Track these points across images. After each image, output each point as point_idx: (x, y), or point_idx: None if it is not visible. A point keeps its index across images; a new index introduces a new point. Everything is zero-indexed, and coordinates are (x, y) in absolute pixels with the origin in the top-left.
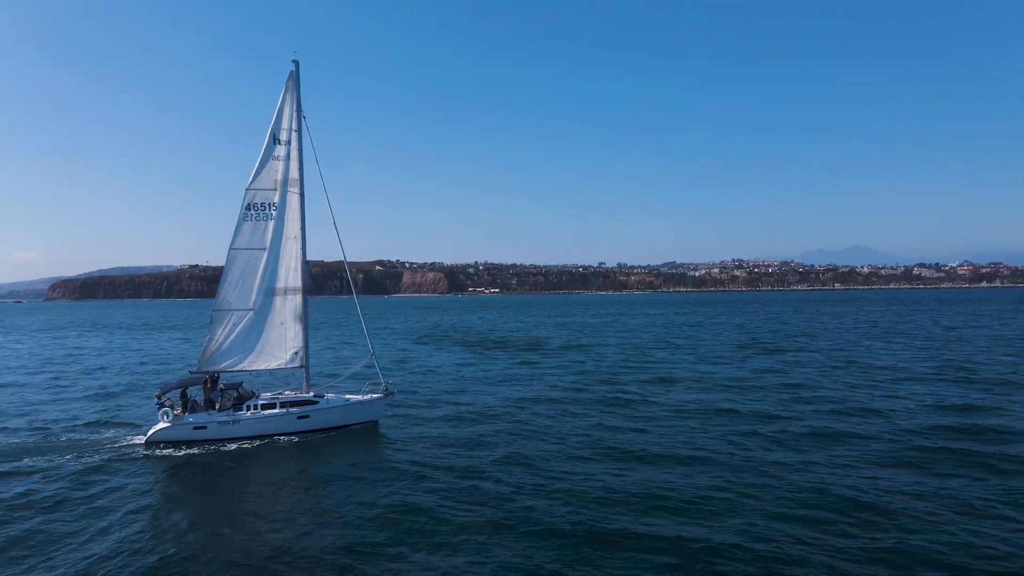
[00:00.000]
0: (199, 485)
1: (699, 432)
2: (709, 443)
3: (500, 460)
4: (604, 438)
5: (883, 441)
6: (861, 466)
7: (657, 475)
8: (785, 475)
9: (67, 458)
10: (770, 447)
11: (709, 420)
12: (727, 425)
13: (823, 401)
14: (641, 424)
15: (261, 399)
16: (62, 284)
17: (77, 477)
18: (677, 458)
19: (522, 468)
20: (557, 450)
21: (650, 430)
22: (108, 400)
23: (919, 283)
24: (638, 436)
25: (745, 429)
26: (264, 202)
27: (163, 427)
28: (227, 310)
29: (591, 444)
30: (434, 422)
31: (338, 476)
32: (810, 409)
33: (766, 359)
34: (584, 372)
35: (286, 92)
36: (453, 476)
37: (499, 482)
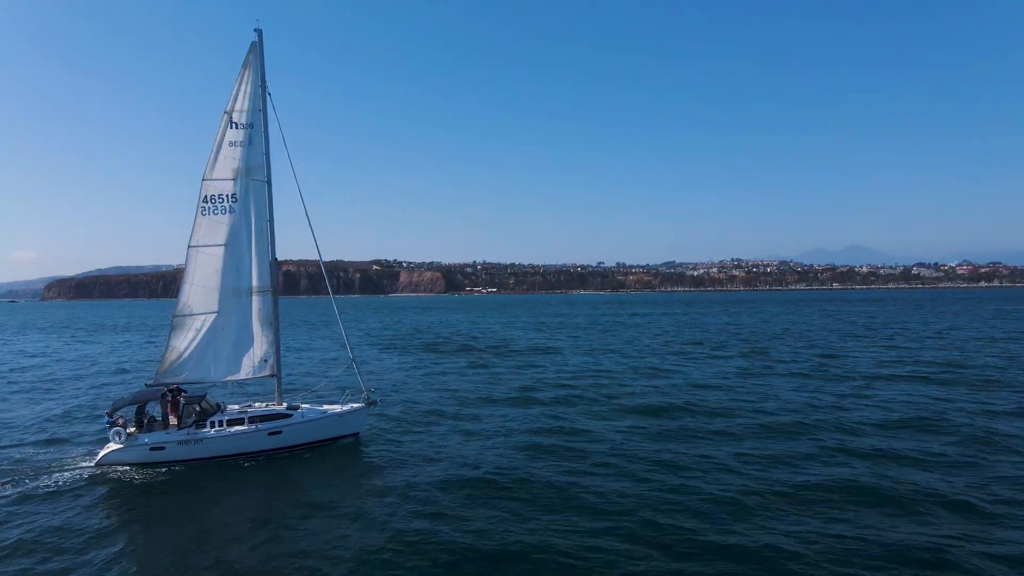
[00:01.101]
0: (154, 516)
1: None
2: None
3: (494, 475)
4: (620, 448)
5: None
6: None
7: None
8: (667, 476)
9: (1, 484)
10: (673, 446)
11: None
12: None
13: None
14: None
15: (227, 413)
16: (58, 284)
17: (10, 508)
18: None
19: (515, 482)
20: (547, 457)
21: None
22: (58, 414)
23: (918, 283)
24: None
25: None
26: (222, 194)
27: (114, 448)
28: (188, 315)
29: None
30: (418, 432)
31: (315, 503)
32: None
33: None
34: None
35: (246, 68)
36: (446, 496)
37: (495, 501)
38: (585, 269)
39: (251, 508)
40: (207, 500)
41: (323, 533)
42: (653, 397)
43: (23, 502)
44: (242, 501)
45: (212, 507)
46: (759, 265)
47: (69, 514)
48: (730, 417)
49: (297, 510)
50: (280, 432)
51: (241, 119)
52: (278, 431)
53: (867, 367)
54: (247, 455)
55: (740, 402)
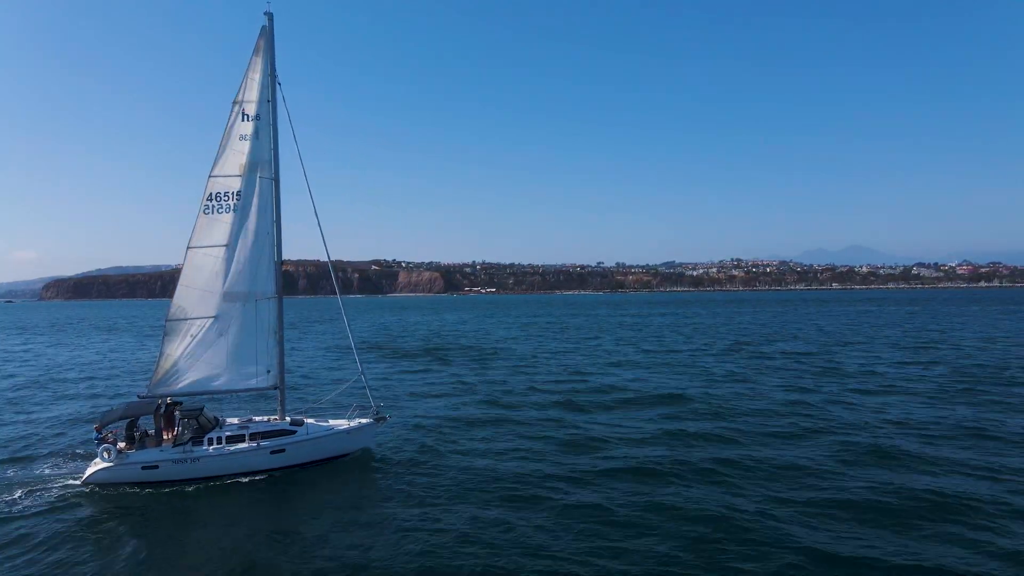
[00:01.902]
0: (143, 543)
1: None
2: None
3: (512, 493)
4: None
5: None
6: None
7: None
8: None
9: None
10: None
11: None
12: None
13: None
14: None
15: (226, 429)
16: (55, 284)
17: None
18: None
19: (530, 503)
20: (562, 475)
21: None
22: (40, 426)
23: (917, 283)
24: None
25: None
26: (228, 191)
27: (103, 467)
28: (183, 319)
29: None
30: (430, 448)
31: (323, 529)
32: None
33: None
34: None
35: (256, 54)
36: (463, 520)
37: (518, 526)
38: (584, 269)
39: (251, 535)
40: (203, 525)
41: (332, 562)
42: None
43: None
44: (241, 527)
45: (208, 533)
46: (759, 265)
47: (49, 541)
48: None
49: (301, 537)
50: (283, 450)
51: (250, 110)
52: (281, 449)
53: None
54: (247, 475)
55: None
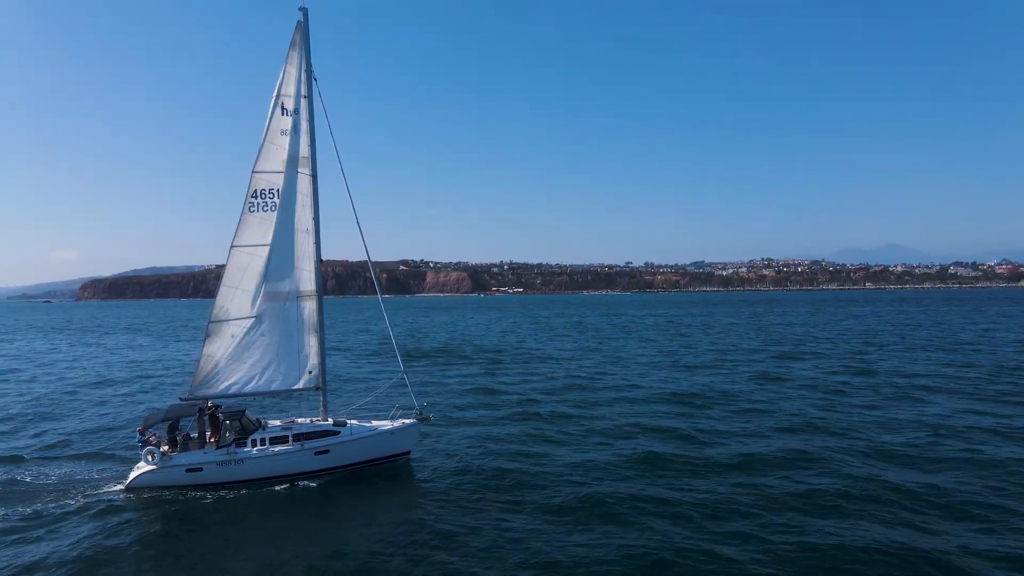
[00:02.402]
0: (189, 548)
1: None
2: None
3: (568, 499)
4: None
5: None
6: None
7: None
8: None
9: (21, 510)
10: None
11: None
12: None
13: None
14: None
15: (269, 431)
16: (92, 284)
17: (26, 536)
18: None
19: (585, 508)
20: (620, 483)
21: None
22: (82, 428)
23: (954, 282)
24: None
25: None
26: (271, 188)
27: (147, 470)
28: (225, 320)
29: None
30: (472, 451)
31: (366, 536)
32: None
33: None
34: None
35: (292, 49)
36: (512, 526)
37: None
38: (613, 269)
39: (295, 538)
40: (247, 528)
41: (377, 567)
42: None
43: (41, 531)
44: (285, 530)
45: (252, 536)
46: (790, 264)
47: (93, 544)
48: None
49: (345, 541)
50: (328, 451)
51: (290, 105)
52: (325, 450)
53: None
54: (291, 477)
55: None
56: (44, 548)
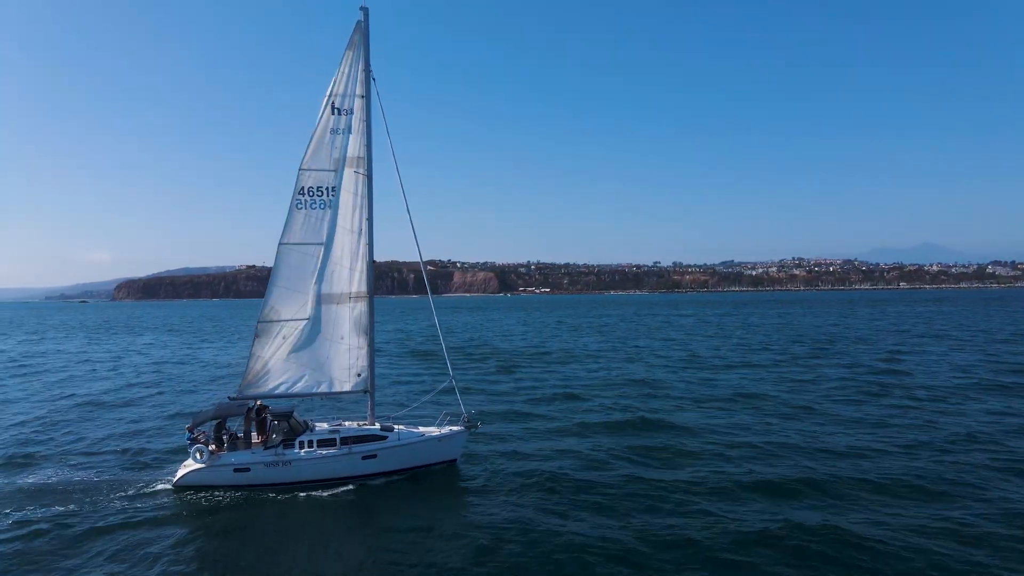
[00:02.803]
0: (236, 548)
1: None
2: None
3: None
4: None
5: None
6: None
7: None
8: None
9: (71, 507)
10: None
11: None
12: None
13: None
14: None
15: (316, 433)
16: (126, 284)
17: (76, 532)
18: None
19: (617, 512)
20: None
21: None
22: (128, 426)
23: (992, 282)
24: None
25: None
26: (320, 186)
27: (195, 468)
28: (275, 321)
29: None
30: (519, 458)
31: (412, 542)
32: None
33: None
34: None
35: (350, 48)
36: (552, 535)
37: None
38: (640, 269)
39: (344, 543)
40: (296, 531)
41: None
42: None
43: (90, 528)
44: (334, 534)
45: (300, 540)
46: (822, 264)
47: (141, 542)
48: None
49: (390, 546)
50: (375, 456)
51: (343, 104)
52: (372, 455)
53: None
54: (337, 480)
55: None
56: (93, 545)
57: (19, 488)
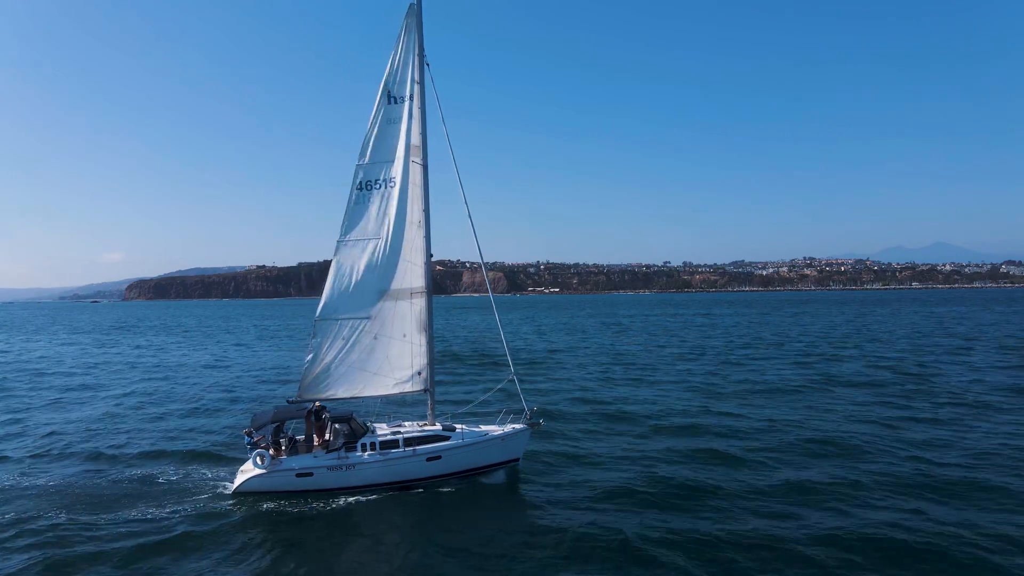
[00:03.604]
0: (299, 559)
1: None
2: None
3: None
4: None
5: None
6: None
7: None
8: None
9: (128, 513)
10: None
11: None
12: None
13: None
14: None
15: (378, 435)
16: (138, 284)
17: (137, 541)
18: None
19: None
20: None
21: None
22: (178, 429)
23: (1006, 281)
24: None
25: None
26: (378, 178)
27: (256, 474)
28: (335, 319)
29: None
30: (583, 460)
31: (480, 547)
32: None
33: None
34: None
35: (404, 33)
36: (622, 547)
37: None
38: (650, 268)
39: (412, 549)
40: (362, 537)
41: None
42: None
43: (151, 534)
44: (401, 540)
45: (367, 547)
46: (833, 264)
47: (201, 551)
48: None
49: (459, 552)
50: (439, 457)
51: (399, 92)
52: (437, 456)
53: None
54: (402, 484)
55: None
56: (153, 553)
57: (68, 492)
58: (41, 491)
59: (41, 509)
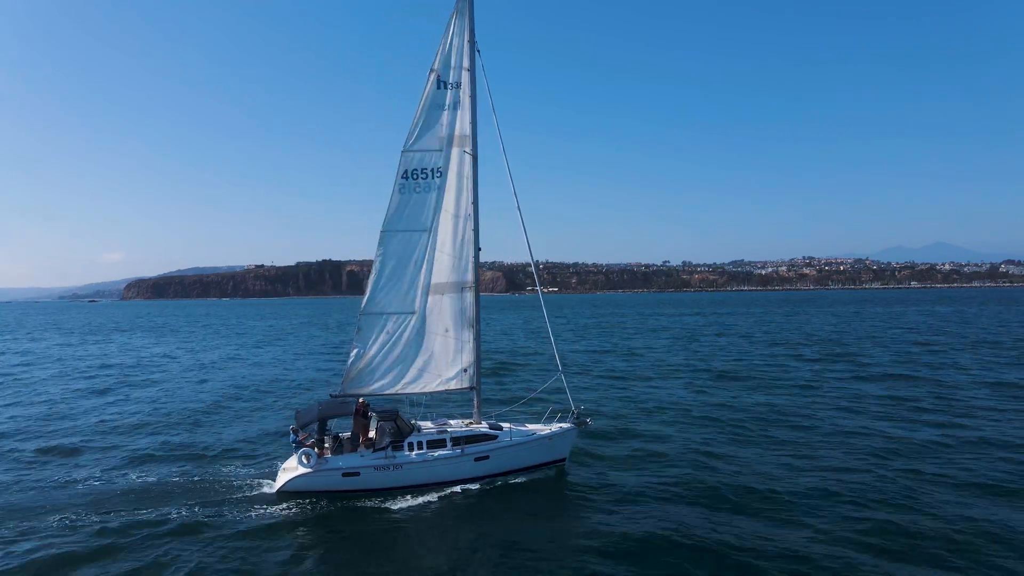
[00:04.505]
0: (346, 561)
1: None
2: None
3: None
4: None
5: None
6: None
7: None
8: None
9: (168, 512)
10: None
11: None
12: None
13: None
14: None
15: (425, 434)
16: (136, 284)
17: (180, 540)
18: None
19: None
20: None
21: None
22: (222, 428)
23: (1005, 281)
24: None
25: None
26: (426, 168)
27: (301, 473)
28: (379, 313)
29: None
30: (630, 460)
31: (533, 555)
32: None
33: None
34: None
35: (455, 16)
36: (675, 551)
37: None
38: (649, 268)
39: (461, 551)
40: (410, 540)
41: None
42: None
43: (193, 534)
44: (450, 542)
45: (415, 549)
46: (832, 263)
47: (246, 553)
48: None
49: (511, 555)
50: (487, 457)
51: (450, 77)
52: (485, 456)
53: None
54: (449, 483)
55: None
56: (195, 554)
57: (110, 491)
58: (81, 491)
59: (80, 509)
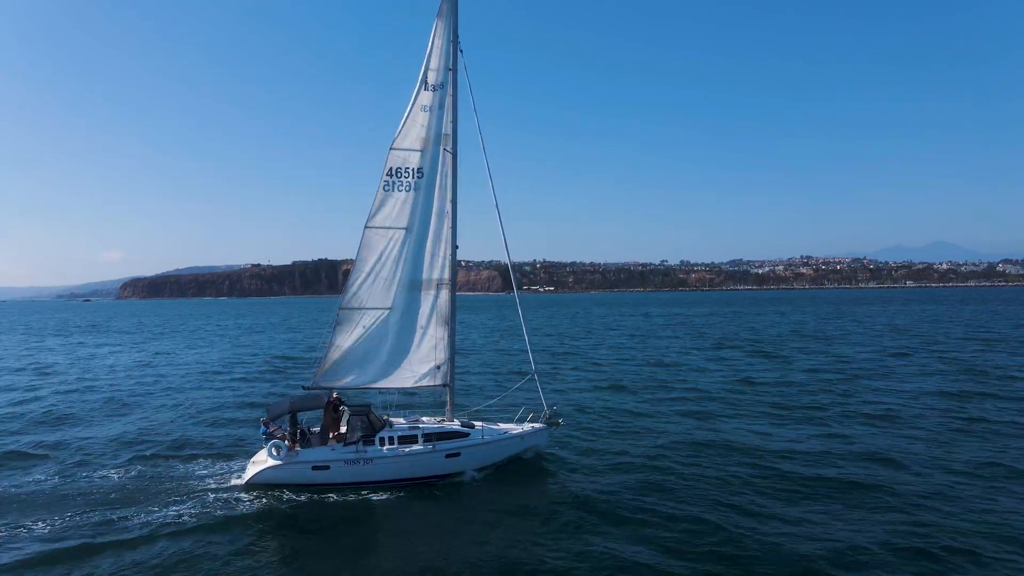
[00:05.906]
0: (312, 553)
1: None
2: None
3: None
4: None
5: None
6: None
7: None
8: None
9: (136, 508)
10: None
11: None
12: None
13: None
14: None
15: (396, 429)
16: (132, 283)
17: (146, 537)
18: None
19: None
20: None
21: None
22: (189, 419)
23: (1002, 280)
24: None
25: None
26: (408, 166)
27: (271, 466)
28: (357, 308)
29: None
30: (602, 455)
31: (499, 550)
32: None
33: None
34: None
35: (439, 17)
36: (641, 547)
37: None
38: (647, 267)
39: (427, 547)
40: (377, 534)
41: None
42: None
43: (158, 529)
44: (417, 536)
45: (382, 543)
46: (829, 263)
47: (212, 546)
48: None
49: (478, 549)
50: (458, 454)
51: (435, 79)
52: (456, 453)
53: None
54: (419, 480)
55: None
56: (160, 549)
57: (72, 488)
58: (47, 490)
59: (48, 507)
